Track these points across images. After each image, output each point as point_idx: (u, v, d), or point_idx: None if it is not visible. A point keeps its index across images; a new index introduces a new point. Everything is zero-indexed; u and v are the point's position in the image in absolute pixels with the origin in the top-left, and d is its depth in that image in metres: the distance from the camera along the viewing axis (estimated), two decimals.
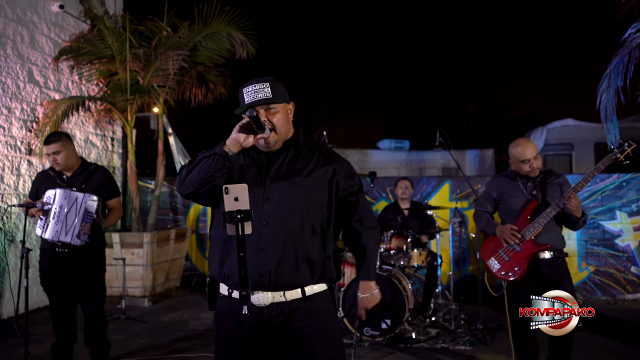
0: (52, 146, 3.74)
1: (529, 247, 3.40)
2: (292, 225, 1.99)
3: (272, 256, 1.96)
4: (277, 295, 1.98)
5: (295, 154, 2.11)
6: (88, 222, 3.69)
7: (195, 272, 7.62)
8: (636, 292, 6.54)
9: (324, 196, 2.07)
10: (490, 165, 15.43)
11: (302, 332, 1.97)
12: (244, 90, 2.06)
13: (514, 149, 3.52)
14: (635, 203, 6.63)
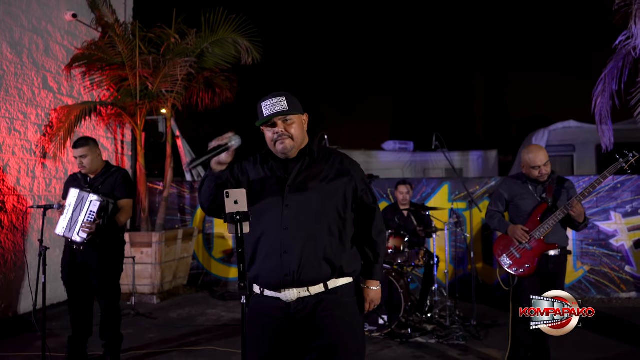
0: (80, 150, 4.02)
1: (539, 246, 3.65)
2: (310, 229, 2.19)
3: (293, 258, 2.17)
4: (302, 290, 2.19)
5: (310, 162, 2.31)
6: (89, 220, 3.88)
7: (202, 270, 7.86)
8: (630, 291, 6.71)
9: (340, 199, 2.27)
10: (493, 166, 15.59)
11: (324, 322, 2.18)
12: (262, 105, 2.27)
13: (526, 155, 3.78)
14: (629, 204, 6.80)
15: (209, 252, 7.94)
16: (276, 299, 2.19)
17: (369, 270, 2.39)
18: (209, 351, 4.55)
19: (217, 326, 5.44)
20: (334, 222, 2.25)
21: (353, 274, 2.31)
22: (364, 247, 2.38)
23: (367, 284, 2.40)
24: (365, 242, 2.37)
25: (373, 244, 2.38)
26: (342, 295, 2.24)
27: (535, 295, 3.67)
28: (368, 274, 2.40)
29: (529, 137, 12.84)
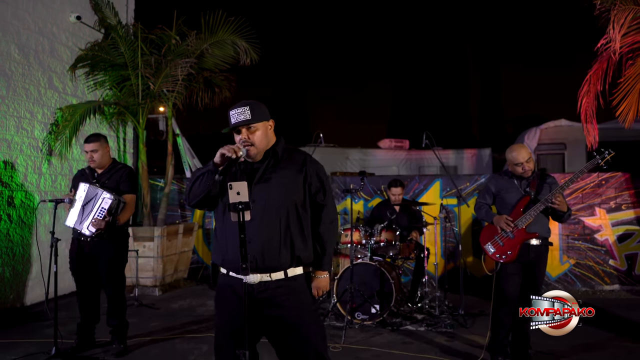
0: (92, 145, 4.29)
1: (521, 235, 3.94)
2: (272, 221, 2.46)
3: (256, 246, 2.44)
4: (264, 276, 2.46)
5: (274, 162, 2.57)
6: (99, 217, 4.13)
7: (202, 264, 8.11)
8: (613, 284, 6.99)
9: (299, 195, 2.54)
10: (487, 163, 15.84)
11: (284, 304, 2.46)
12: (230, 113, 2.54)
13: (509, 154, 4.09)
14: (613, 200, 7.08)
15: (209, 247, 8.18)
16: (240, 279, 2.43)
17: (317, 261, 2.68)
18: (209, 338, 4.78)
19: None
20: (293, 216, 2.52)
21: (306, 265, 2.58)
22: (313, 240, 2.65)
23: (316, 273, 2.70)
24: (314, 236, 2.65)
25: (320, 237, 2.66)
26: (299, 284, 2.52)
27: (516, 280, 3.98)
28: (317, 265, 2.69)
29: (521, 136, 13.12)
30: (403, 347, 4.49)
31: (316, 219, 2.64)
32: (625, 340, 4.66)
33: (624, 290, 6.92)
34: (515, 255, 3.95)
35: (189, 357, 4.27)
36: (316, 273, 2.69)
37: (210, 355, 4.29)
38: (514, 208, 4.03)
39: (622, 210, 7.07)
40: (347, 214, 7.29)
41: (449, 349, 4.46)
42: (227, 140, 2.60)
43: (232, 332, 2.43)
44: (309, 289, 2.60)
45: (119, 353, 4.30)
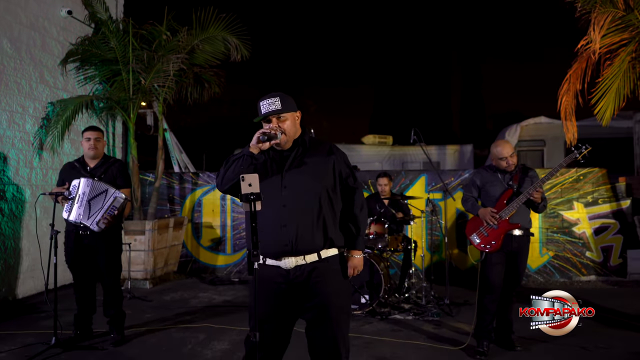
0: (96, 132, 4.44)
1: (504, 226, 4.15)
2: (305, 206, 2.60)
3: (291, 230, 2.57)
4: (299, 259, 2.59)
5: (303, 150, 2.72)
6: (111, 214, 4.26)
7: (191, 258, 8.21)
8: (590, 275, 7.29)
9: (330, 181, 2.69)
10: (469, 159, 16.16)
11: (318, 285, 2.59)
12: (260, 103, 2.69)
13: (494, 148, 4.31)
14: (590, 195, 7.37)
15: (198, 241, 8.28)
16: (276, 267, 2.59)
17: (352, 241, 2.81)
18: (204, 328, 4.93)
19: (209, 307, 5.82)
20: (325, 200, 2.66)
21: (340, 246, 2.72)
22: (347, 222, 2.79)
23: (352, 253, 2.83)
24: (349, 218, 2.79)
25: (355, 219, 2.79)
26: (332, 264, 2.67)
27: (500, 269, 4.19)
28: (352, 245, 2.82)
29: (502, 132, 13.41)
30: (392, 335, 4.68)
31: (349, 202, 2.77)
32: (603, 326, 4.91)
33: (599, 280, 7.22)
34: (499, 245, 4.16)
35: (186, 346, 4.40)
36: (352, 253, 2.81)
37: (206, 343, 4.43)
38: (497, 200, 4.24)
39: (598, 205, 7.37)
40: None
41: (436, 335, 4.67)
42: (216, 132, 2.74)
43: (267, 319, 2.58)
44: (340, 269, 2.71)
45: (117, 342, 4.40)
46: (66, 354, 4.16)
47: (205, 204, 8.28)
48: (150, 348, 4.37)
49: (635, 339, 4.58)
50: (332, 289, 2.64)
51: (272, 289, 2.60)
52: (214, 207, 8.25)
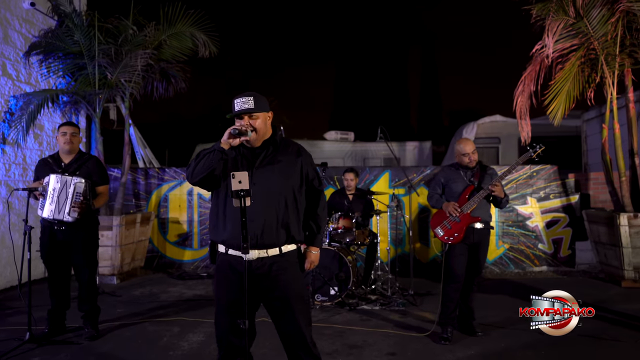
0: (72, 127, 4.45)
1: (466, 219, 4.42)
2: (272, 202, 2.75)
3: (258, 225, 2.71)
4: (262, 252, 2.74)
5: (273, 150, 2.85)
6: (78, 201, 4.26)
7: (157, 253, 8.21)
8: (542, 265, 7.75)
9: (296, 181, 2.85)
10: (428, 156, 16.61)
11: (278, 278, 2.75)
12: (235, 101, 2.80)
13: (458, 145, 4.57)
14: (543, 190, 7.82)
15: (164, 236, 8.29)
16: (239, 257, 2.70)
17: (312, 238, 3.01)
18: (178, 321, 5.01)
19: (181, 301, 5.89)
20: (291, 199, 2.82)
21: (298, 242, 2.90)
22: (309, 220, 2.98)
23: (310, 249, 3.03)
24: (311, 217, 2.98)
25: (317, 218, 2.99)
26: (290, 258, 2.83)
27: (463, 260, 4.46)
28: (311, 242, 3.02)
29: (459, 130, 13.88)
30: (362, 324, 4.90)
31: (314, 202, 2.95)
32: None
33: (550, 270, 7.69)
34: (462, 237, 4.44)
35: (162, 339, 4.47)
36: (310, 249, 3.00)
37: (182, 336, 4.52)
38: (460, 195, 4.53)
39: (550, 199, 7.83)
40: None
41: (403, 323, 4.92)
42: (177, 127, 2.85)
43: (232, 305, 2.71)
44: (298, 262, 2.89)
45: (93, 337, 4.44)
46: (41, 349, 4.18)
47: (171, 200, 8.29)
48: (126, 342, 4.42)
49: (585, 322, 4.95)
50: (293, 281, 2.80)
51: (237, 278, 2.71)
52: (180, 202, 8.27)
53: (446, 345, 4.25)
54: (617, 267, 6.52)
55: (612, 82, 6.56)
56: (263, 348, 4.09)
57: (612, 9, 6.20)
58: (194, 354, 4.09)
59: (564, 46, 6.57)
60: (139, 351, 4.18)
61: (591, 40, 6.41)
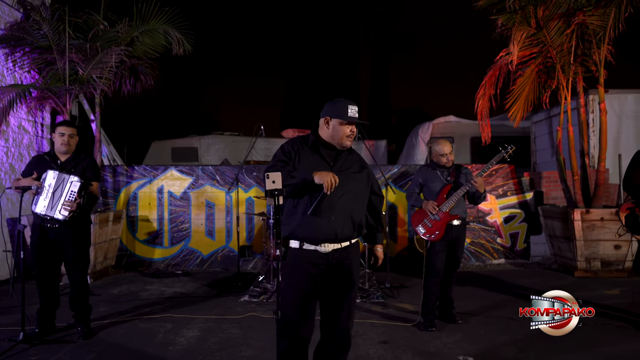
0: (70, 129, 4.43)
1: (445, 217, 4.70)
2: (349, 203, 2.99)
3: (338, 222, 2.94)
4: (336, 245, 2.97)
5: (348, 153, 3.11)
6: (70, 200, 4.25)
7: (126, 252, 8.12)
8: (500, 258, 8.27)
9: (365, 185, 3.13)
10: (383, 154, 17.10)
11: (351, 268, 3.01)
12: (350, 107, 3.02)
13: (436, 146, 4.86)
14: (501, 187, 8.34)
15: (133, 234, 8.21)
16: (314, 250, 2.94)
17: (377, 237, 3.31)
18: (167, 318, 5.07)
19: (163, 299, 5.92)
20: (361, 200, 3.12)
21: (360, 235, 3.16)
22: (373, 221, 3.28)
23: (376, 247, 3.32)
24: (375, 218, 3.28)
25: (380, 219, 3.31)
26: (355, 250, 3.10)
27: (443, 256, 4.78)
28: (376, 240, 3.31)
29: (415, 129, 14.39)
30: None
31: (378, 205, 3.26)
32: (523, 301, 5.70)
33: (508, 263, 8.22)
34: (442, 235, 4.74)
35: (157, 335, 4.54)
36: (376, 247, 3.30)
37: (176, 332, 4.60)
38: (438, 194, 4.82)
39: (507, 197, 8.36)
40: None
41: (386, 315, 5.20)
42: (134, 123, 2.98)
43: (303, 296, 2.93)
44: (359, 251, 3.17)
45: (86, 335, 4.44)
46: (36, 348, 4.16)
47: (141, 197, 8.22)
48: (122, 338, 4.46)
49: None
50: (357, 269, 3.12)
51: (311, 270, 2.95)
52: (150, 200, 8.22)
53: (432, 332, 4.56)
54: (570, 258, 7.09)
55: (567, 88, 7.11)
56: (260, 341, 4.25)
57: (569, 21, 6.74)
58: (194, 348, 4.20)
59: (524, 54, 7.06)
60: (138, 347, 4.23)
61: (549, 49, 6.93)
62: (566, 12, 6.74)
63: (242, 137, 16.16)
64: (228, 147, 15.51)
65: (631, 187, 4.71)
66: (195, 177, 8.23)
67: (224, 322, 4.91)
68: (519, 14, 6.73)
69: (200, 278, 7.17)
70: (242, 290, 6.18)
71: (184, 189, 8.23)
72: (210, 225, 8.20)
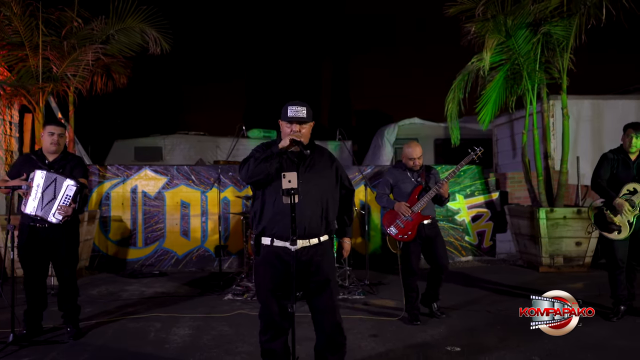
0: (60, 128, 4.38)
1: (417, 218, 4.87)
2: (316, 200, 3.11)
3: (305, 219, 3.05)
4: (305, 242, 3.09)
5: (311, 154, 3.20)
6: (65, 204, 4.23)
7: (98, 252, 7.98)
8: (468, 255, 8.62)
9: (333, 181, 3.25)
10: (347, 155, 17.35)
11: (321, 264, 3.12)
12: (290, 107, 3.14)
13: (407, 149, 5.00)
14: (469, 188, 8.70)
15: (106, 235, 8.09)
16: (284, 247, 3.05)
17: (346, 230, 3.46)
18: (155, 317, 5.07)
19: (145, 298, 5.91)
20: (329, 196, 3.22)
21: (331, 233, 3.28)
22: (343, 215, 3.42)
23: (344, 240, 3.48)
24: (345, 212, 3.42)
25: (350, 213, 3.44)
26: (327, 246, 3.22)
27: (418, 256, 4.95)
28: (345, 233, 3.47)
29: (381, 130, 14.70)
30: None
31: (347, 199, 3.39)
32: (495, 294, 6.04)
33: (475, 260, 8.57)
34: (415, 235, 4.91)
35: (149, 334, 4.55)
36: (344, 240, 3.45)
37: (167, 330, 4.63)
38: (409, 195, 4.96)
39: (475, 196, 8.73)
40: (249, 199, 7.88)
41: (370, 310, 5.38)
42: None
43: (278, 289, 3.06)
44: (332, 250, 3.28)
45: (76, 335, 4.41)
46: (27, 349, 4.11)
47: (114, 197, 8.11)
48: (113, 338, 4.45)
49: (520, 301, 5.71)
50: (329, 266, 3.22)
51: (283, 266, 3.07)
52: (123, 200, 8.12)
53: (418, 326, 4.76)
54: (535, 254, 7.49)
55: (533, 93, 7.51)
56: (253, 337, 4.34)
57: (535, 30, 7.13)
58: (190, 346, 4.25)
59: (494, 60, 7.41)
60: (132, 346, 4.25)
61: (517, 56, 7.30)
62: (533, 21, 7.13)
63: (207, 137, 16.05)
64: (193, 146, 15.35)
65: (598, 188, 5.07)
66: (170, 177, 8.19)
67: (212, 320, 4.96)
68: (491, 22, 7.06)
69: (177, 278, 7.16)
70: (223, 289, 6.23)
71: (159, 189, 8.17)
72: (186, 225, 8.18)
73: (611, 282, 5.03)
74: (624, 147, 5.01)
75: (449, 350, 4.11)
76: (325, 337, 3.18)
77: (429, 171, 5.11)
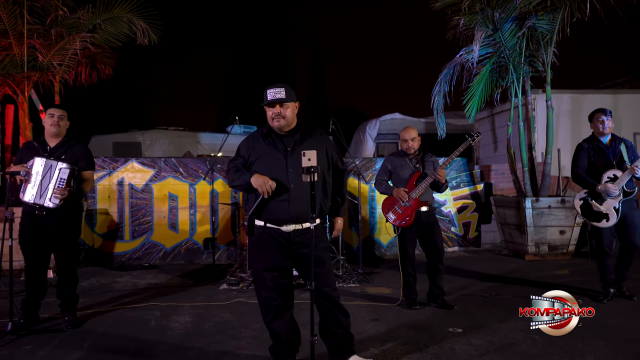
0: (61, 111, 4.31)
1: (415, 204, 4.93)
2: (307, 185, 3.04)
3: (297, 204, 3.09)
4: (297, 225, 3.15)
5: (301, 137, 3.22)
6: (60, 187, 4.15)
7: (84, 246, 7.83)
8: (454, 246, 8.76)
9: (324, 163, 3.24)
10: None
11: (316, 245, 3.09)
12: (268, 91, 3.16)
13: (402, 132, 5.06)
14: (455, 180, 8.84)
15: (91, 228, 7.95)
16: (277, 229, 3.14)
17: (338, 210, 3.49)
18: (153, 306, 5.03)
19: (140, 289, 5.84)
20: (321, 179, 3.20)
21: (323, 217, 3.34)
22: (335, 195, 3.44)
23: (336, 219, 3.52)
24: (337, 192, 3.45)
25: (342, 193, 3.48)
26: (319, 230, 3.25)
27: (414, 242, 5.01)
28: (337, 212, 3.50)
29: (362, 126, 14.80)
30: None
31: (339, 179, 3.40)
32: (483, 282, 6.17)
33: (461, 250, 8.72)
34: (412, 221, 4.98)
35: (150, 322, 4.51)
36: (336, 219, 3.47)
37: (167, 318, 4.60)
38: (407, 182, 5.04)
39: (460, 188, 8.88)
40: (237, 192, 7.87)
41: (368, 297, 5.43)
42: None
43: (273, 267, 3.13)
44: (325, 232, 3.35)
45: (75, 324, 4.35)
46: (26, 338, 4.03)
47: (100, 190, 7.98)
48: (114, 326, 4.40)
49: (512, 287, 5.86)
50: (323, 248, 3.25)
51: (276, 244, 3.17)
52: (110, 193, 8.00)
53: (418, 310, 4.84)
54: (521, 243, 7.67)
55: (518, 86, 7.68)
56: (257, 323, 4.34)
57: (521, 24, 7.29)
58: (193, 332, 4.23)
59: (481, 53, 7.54)
60: (134, 333, 4.20)
61: (504, 49, 7.46)
62: (519, 15, 7.29)
63: (187, 132, 15.89)
64: (173, 142, 15.17)
65: (579, 179, 5.20)
66: (157, 169, 8.10)
67: (212, 308, 4.95)
68: (479, 15, 7.19)
69: (168, 270, 7.09)
70: (217, 280, 6.21)
71: (146, 182, 8.07)
72: (174, 217, 8.10)
73: (600, 267, 5.17)
74: (596, 134, 5.17)
75: (451, 331, 4.19)
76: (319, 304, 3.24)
77: (428, 158, 5.14)
